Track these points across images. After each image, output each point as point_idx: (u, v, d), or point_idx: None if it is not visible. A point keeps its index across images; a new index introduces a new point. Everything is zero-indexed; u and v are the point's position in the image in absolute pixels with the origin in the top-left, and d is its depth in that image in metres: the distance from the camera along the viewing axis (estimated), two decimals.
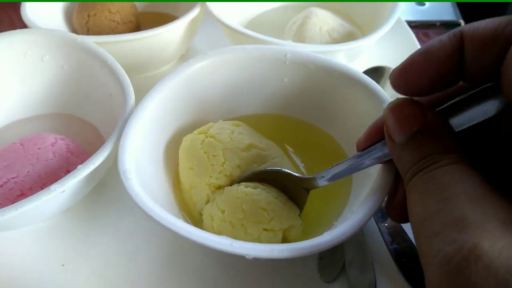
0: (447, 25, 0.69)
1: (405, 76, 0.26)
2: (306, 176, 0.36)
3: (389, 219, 0.39)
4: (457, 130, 0.26)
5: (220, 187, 0.37)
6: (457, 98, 0.26)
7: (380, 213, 0.40)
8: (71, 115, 0.49)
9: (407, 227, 0.39)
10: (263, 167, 0.38)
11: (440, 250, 0.20)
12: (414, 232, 0.23)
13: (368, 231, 0.40)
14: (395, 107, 0.27)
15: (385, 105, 0.37)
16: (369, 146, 0.31)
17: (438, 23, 0.69)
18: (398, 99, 0.28)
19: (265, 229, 0.34)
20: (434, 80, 0.26)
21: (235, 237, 0.34)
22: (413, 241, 0.37)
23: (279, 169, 0.37)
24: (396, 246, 0.37)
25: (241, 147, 0.38)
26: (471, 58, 0.24)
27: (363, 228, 0.40)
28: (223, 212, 0.35)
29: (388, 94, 0.49)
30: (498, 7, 0.92)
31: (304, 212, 0.37)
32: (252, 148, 0.38)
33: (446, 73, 0.25)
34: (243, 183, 0.37)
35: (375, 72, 0.52)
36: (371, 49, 0.58)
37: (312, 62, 0.42)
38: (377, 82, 0.41)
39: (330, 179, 0.34)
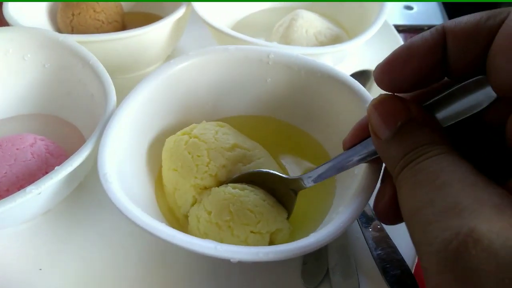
0: None
1: (388, 71, 0.26)
2: (293, 176, 0.35)
3: (373, 224, 0.39)
4: (444, 125, 0.25)
5: (206, 188, 0.37)
6: (443, 94, 0.26)
7: (365, 218, 0.39)
8: (52, 115, 0.48)
9: (391, 232, 0.38)
10: (248, 167, 0.37)
11: (436, 237, 0.20)
12: (407, 225, 0.23)
13: (352, 237, 0.39)
14: (378, 103, 0.27)
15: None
16: (355, 145, 0.31)
17: (426, 28, 0.69)
18: (381, 95, 0.27)
19: (252, 232, 0.34)
20: (417, 75, 0.25)
21: (222, 239, 0.33)
22: (397, 247, 0.37)
23: (267, 171, 0.37)
24: (380, 252, 0.37)
25: (225, 147, 0.37)
26: (454, 53, 0.24)
27: (347, 233, 0.39)
28: (209, 213, 0.34)
29: (374, 97, 0.49)
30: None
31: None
32: (237, 148, 0.38)
33: (429, 68, 0.25)
34: (231, 184, 0.36)
35: (362, 76, 0.51)
36: (358, 52, 0.57)
37: (295, 63, 0.41)
38: (363, 85, 0.40)
39: (317, 179, 0.33)
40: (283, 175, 0.36)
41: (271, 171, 0.37)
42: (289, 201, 0.36)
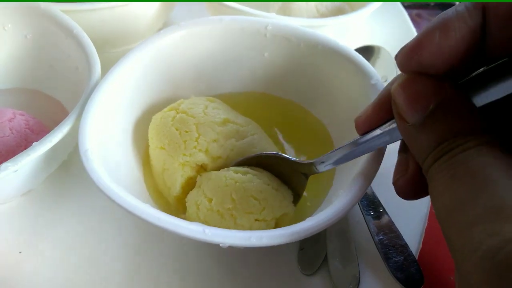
0: (442, 6, 0.66)
1: (417, 56, 0.22)
2: (305, 161, 0.32)
3: (375, 208, 0.36)
4: (478, 106, 0.22)
5: (197, 166, 0.34)
6: (476, 72, 0.22)
7: (366, 202, 0.37)
8: (35, 90, 0.45)
9: (395, 216, 0.36)
10: (242, 143, 0.35)
11: (481, 243, 0.17)
12: (442, 224, 0.20)
13: (353, 221, 0.37)
14: (406, 82, 0.23)
15: (373, 82, 0.34)
16: (372, 126, 0.27)
17: (432, 3, 0.66)
18: (408, 74, 0.24)
19: (256, 220, 0.31)
20: (453, 59, 0.22)
21: (224, 228, 0.31)
22: (401, 232, 0.35)
23: (277, 154, 0.34)
24: (382, 237, 0.34)
25: (216, 121, 0.34)
26: (496, 32, 0.21)
27: (348, 218, 0.37)
28: (210, 200, 0.32)
29: (379, 73, 0.47)
30: None
31: None
32: (228, 123, 0.35)
33: (467, 51, 0.22)
34: (233, 168, 0.33)
35: (365, 51, 0.49)
36: (362, 28, 0.54)
37: (294, 35, 0.38)
38: (368, 61, 0.38)
39: (331, 165, 0.30)
40: (294, 159, 0.33)
41: (281, 154, 0.34)
42: (299, 183, 0.33)
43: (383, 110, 0.26)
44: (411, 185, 0.26)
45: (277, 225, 0.32)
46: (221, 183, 0.32)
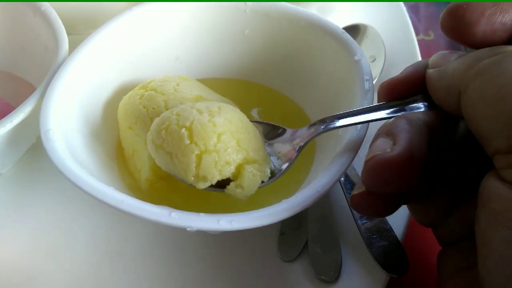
0: None
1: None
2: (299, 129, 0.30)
3: None
4: None
5: None
6: None
7: (350, 184, 0.35)
8: (6, 72, 0.43)
9: None
10: None
11: None
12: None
13: (335, 205, 0.35)
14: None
15: (357, 58, 0.32)
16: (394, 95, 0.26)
17: None
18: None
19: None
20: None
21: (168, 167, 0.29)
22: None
23: (267, 122, 0.32)
24: (365, 221, 0.33)
25: (188, 97, 0.32)
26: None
27: (331, 201, 0.35)
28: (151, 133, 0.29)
29: (366, 53, 0.45)
30: None
31: None
32: (201, 100, 0.33)
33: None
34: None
35: (352, 30, 0.47)
36: (349, 5, 0.52)
37: (275, 11, 0.37)
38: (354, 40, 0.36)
39: (331, 127, 0.28)
40: (285, 128, 0.31)
41: (272, 123, 0.32)
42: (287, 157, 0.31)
43: (417, 83, 0.25)
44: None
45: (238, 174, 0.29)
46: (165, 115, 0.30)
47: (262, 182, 0.30)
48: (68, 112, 0.31)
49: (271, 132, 0.32)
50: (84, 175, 0.27)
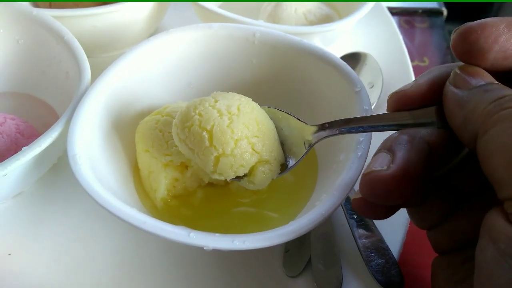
0: (429, 13, 0.67)
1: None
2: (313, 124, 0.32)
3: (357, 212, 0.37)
4: None
5: (180, 165, 0.35)
6: None
7: (350, 206, 0.38)
8: (26, 94, 0.46)
9: (377, 221, 0.37)
10: None
11: None
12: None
13: (336, 224, 0.38)
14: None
15: (357, 89, 0.35)
16: (407, 105, 0.26)
17: (420, 10, 0.67)
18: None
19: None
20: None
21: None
22: (383, 236, 0.35)
23: (284, 111, 0.35)
24: (364, 240, 0.35)
25: None
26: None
27: (332, 221, 0.38)
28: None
29: (365, 80, 0.48)
30: None
31: (269, 198, 0.35)
32: None
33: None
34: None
35: (353, 58, 0.50)
36: (349, 34, 0.55)
37: (282, 43, 0.39)
38: (354, 68, 0.39)
39: (344, 130, 0.29)
40: (299, 119, 0.33)
41: (287, 112, 0.34)
42: (297, 151, 0.33)
43: (436, 92, 0.25)
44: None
45: (251, 172, 0.32)
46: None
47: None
48: (91, 137, 0.34)
49: (285, 121, 0.35)
50: (108, 197, 0.29)
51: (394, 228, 0.37)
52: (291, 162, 0.34)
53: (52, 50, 0.42)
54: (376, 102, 0.47)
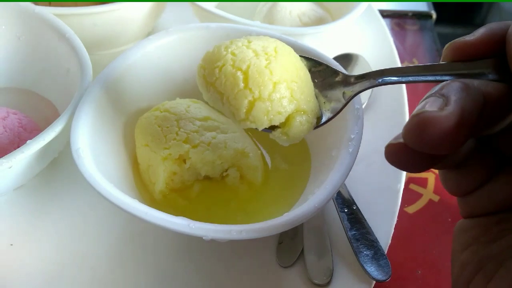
0: (419, 16, 0.69)
1: None
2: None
3: (349, 206, 0.39)
4: None
5: (179, 158, 0.36)
6: None
7: (341, 200, 0.39)
8: (27, 90, 0.47)
9: (367, 214, 0.38)
10: (224, 136, 0.37)
11: None
12: None
13: (328, 217, 0.39)
14: None
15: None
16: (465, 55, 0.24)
17: (410, 13, 0.69)
18: None
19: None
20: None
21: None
22: (372, 228, 0.37)
23: (328, 65, 0.31)
24: (354, 232, 0.37)
25: (197, 117, 0.37)
26: None
27: (324, 214, 0.39)
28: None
29: None
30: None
31: (263, 192, 0.36)
32: (209, 120, 0.37)
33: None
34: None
35: (345, 59, 0.51)
36: (342, 36, 0.57)
37: None
38: (346, 68, 0.41)
39: (392, 81, 0.26)
40: (342, 70, 0.30)
41: (322, 61, 0.31)
42: (333, 105, 0.30)
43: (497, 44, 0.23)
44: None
45: (287, 122, 0.29)
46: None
47: None
48: (93, 132, 0.35)
49: (320, 72, 0.31)
50: (111, 188, 0.30)
51: (383, 221, 0.38)
52: (324, 117, 0.30)
53: (53, 47, 0.43)
54: (367, 102, 0.49)
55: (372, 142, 0.40)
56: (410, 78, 0.25)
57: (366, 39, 0.58)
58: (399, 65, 0.53)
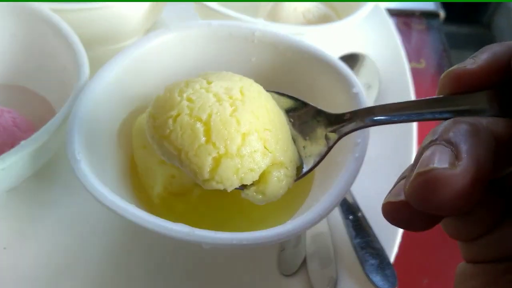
0: (427, 15, 0.67)
1: None
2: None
3: (354, 212, 0.38)
4: None
5: None
6: None
7: (346, 206, 0.38)
8: (22, 87, 0.46)
9: (373, 221, 0.37)
10: None
11: None
12: None
13: (332, 224, 0.38)
14: None
15: (355, 91, 0.35)
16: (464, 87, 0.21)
17: (418, 13, 0.68)
18: None
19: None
20: None
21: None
22: (378, 236, 0.36)
23: (306, 102, 0.27)
24: (359, 240, 0.36)
25: None
26: None
27: (328, 221, 0.38)
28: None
29: (362, 81, 0.48)
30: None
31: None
32: None
33: None
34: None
35: (350, 59, 0.50)
36: (348, 35, 0.56)
37: (281, 43, 0.39)
38: (352, 68, 0.39)
39: (383, 121, 0.23)
40: (325, 110, 0.27)
41: (299, 98, 0.28)
42: (315, 149, 0.27)
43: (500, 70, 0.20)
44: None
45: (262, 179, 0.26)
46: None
47: None
48: (89, 133, 0.34)
49: (297, 111, 0.28)
50: (107, 193, 0.29)
51: (389, 229, 0.37)
52: (306, 166, 0.27)
53: (49, 43, 0.42)
54: (373, 104, 0.47)
55: (378, 147, 0.39)
56: (404, 117, 0.22)
57: (373, 38, 0.56)
58: (406, 65, 0.52)
